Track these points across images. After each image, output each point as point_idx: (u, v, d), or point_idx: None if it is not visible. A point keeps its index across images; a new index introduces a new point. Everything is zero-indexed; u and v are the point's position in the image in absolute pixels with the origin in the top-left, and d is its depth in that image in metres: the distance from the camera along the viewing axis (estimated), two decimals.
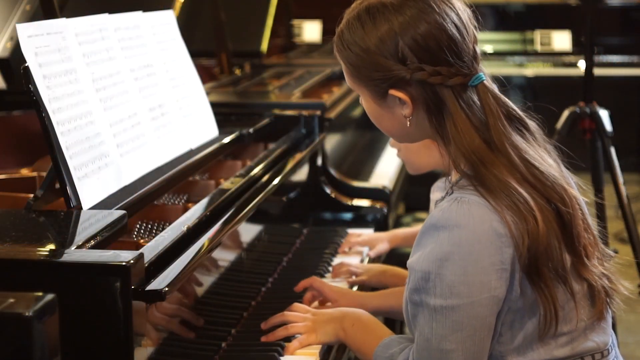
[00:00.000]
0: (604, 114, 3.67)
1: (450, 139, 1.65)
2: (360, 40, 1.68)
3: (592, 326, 1.71)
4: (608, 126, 3.64)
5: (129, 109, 2.13)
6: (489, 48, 6.92)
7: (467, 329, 1.61)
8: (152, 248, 1.68)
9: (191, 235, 1.83)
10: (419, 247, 1.65)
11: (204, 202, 2.03)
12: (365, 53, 1.67)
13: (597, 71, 3.85)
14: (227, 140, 2.52)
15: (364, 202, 2.99)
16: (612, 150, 3.63)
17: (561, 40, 7.07)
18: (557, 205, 1.64)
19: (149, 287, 1.55)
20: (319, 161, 2.98)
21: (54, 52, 1.91)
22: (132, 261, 1.48)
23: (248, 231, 2.24)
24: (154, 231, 2.08)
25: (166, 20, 2.51)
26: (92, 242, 1.60)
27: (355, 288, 2.33)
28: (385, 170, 3.68)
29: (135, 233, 2.06)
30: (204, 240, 1.84)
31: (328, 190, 2.98)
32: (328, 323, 1.93)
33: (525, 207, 1.60)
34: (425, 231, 1.64)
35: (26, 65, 1.82)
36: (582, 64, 3.39)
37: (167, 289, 1.56)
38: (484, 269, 1.59)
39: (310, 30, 6.93)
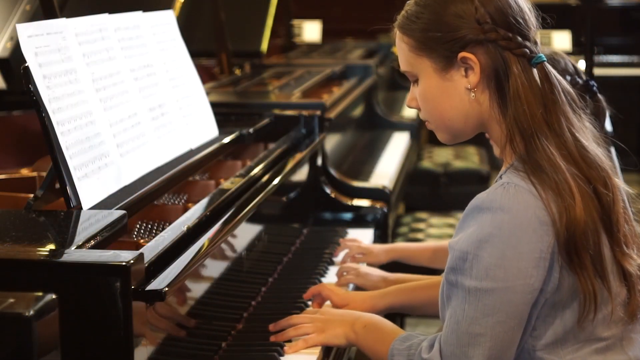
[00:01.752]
0: None
1: (511, 106, 1.67)
2: (436, 5, 1.72)
3: (630, 338, 1.70)
4: (608, 126, 3.64)
5: (129, 109, 2.13)
6: None
7: (499, 315, 1.62)
8: (152, 248, 1.68)
9: (191, 235, 1.83)
10: (461, 229, 1.67)
11: (204, 202, 2.03)
12: (439, 16, 1.71)
13: (597, 71, 3.85)
14: (227, 140, 2.52)
15: (364, 202, 2.98)
16: (612, 150, 3.63)
17: (561, 40, 7.07)
18: (597, 187, 1.65)
19: (149, 287, 1.55)
20: (319, 161, 2.98)
21: (54, 52, 1.91)
22: (132, 261, 1.48)
23: (248, 231, 2.24)
24: (154, 231, 2.08)
25: (166, 20, 2.51)
26: (92, 242, 1.60)
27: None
28: (385, 170, 3.68)
29: (135, 233, 2.06)
30: (204, 240, 1.83)
31: (328, 190, 2.98)
32: (338, 325, 1.91)
33: (565, 188, 1.62)
34: (469, 213, 1.66)
35: (26, 65, 1.82)
36: (582, 64, 3.39)
37: (167, 289, 1.56)
38: (523, 255, 1.60)
39: (310, 30, 6.93)
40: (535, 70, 1.70)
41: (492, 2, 1.70)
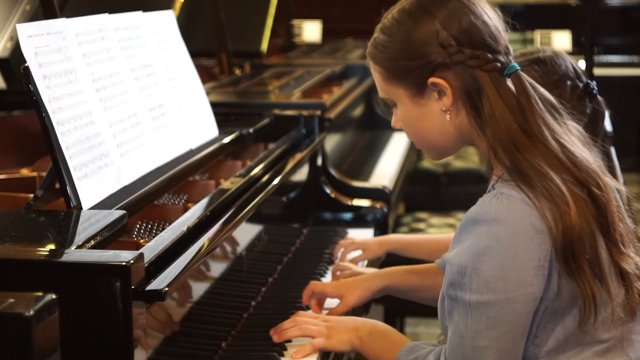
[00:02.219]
0: None
1: (488, 123, 1.67)
2: (401, 33, 1.72)
3: (630, 339, 1.70)
4: (608, 126, 3.63)
5: (129, 109, 2.13)
6: None
7: (502, 326, 1.61)
8: (152, 248, 1.68)
9: (191, 235, 1.83)
10: (457, 243, 1.66)
11: (204, 202, 2.03)
12: (405, 43, 1.71)
13: (597, 71, 3.85)
14: (227, 140, 2.52)
15: (364, 202, 2.98)
16: (612, 150, 3.63)
17: (561, 40, 7.08)
18: (591, 190, 1.65)
19: (149, 287, 1.55)
20: (319, 161, 2.98)
21: (54, 52, 1.91)
22: (132, 261, 1.48)
23: (248, 231, 2.24)
24: (154, 231, 2.08)
25: (166, 20, 2.51)
26: (92, 242, 1.60)
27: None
28: (385, 170, 3.68)
29: (135, 233, 2.06)
30: (204, 240, 1.83)
31: (328, 190, 2.98)
32: (343, 331, 1.91)
33: (558, 195, 1.61)
34: (465, 226, 1.65)
35: (26, 65, 1.82)
36: (582, 64, 3.39)
37: (167, 289, 1.56)
38: (521, 265, 1.60)
39: (310, 30, 6.93)
40: (509, 81, 1.69)
41: (454, 23, 1.69)
